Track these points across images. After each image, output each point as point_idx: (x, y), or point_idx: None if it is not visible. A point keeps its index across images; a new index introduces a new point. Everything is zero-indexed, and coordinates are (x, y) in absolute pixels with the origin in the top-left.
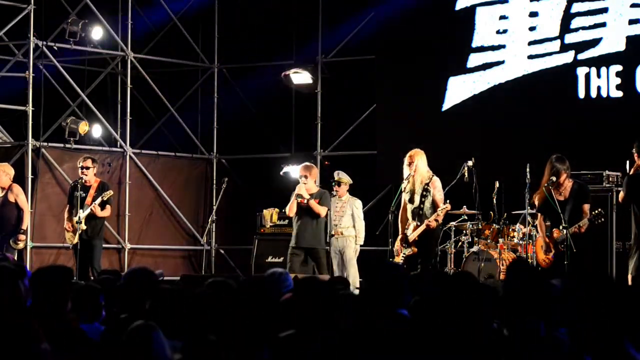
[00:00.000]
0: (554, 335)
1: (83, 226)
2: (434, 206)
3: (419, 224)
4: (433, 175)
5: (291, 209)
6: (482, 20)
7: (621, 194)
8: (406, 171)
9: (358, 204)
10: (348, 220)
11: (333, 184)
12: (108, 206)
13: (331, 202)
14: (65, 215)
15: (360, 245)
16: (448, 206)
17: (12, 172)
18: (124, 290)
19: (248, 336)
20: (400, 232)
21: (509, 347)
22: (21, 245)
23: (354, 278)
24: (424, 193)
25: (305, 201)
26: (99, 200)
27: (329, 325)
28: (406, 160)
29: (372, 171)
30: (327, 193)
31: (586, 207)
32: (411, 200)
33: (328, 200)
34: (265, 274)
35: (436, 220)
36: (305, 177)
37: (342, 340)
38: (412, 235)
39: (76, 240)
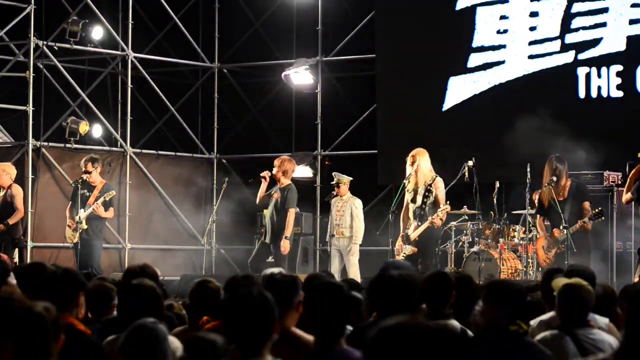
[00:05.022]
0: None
1: (84, 225)
2: (436, 206)
3: (419, 223)
4: (436, 176)
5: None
6: (483, 20)
7: (628, 195)
8: (409, 170)
9: (358, 203)
10: (349, 220)
11: (334, 186)
12: (111, 208)
13: (332, 202)
14: (67, 214)
15: (359, 245)
16: (448, 207)
17: (13, 172)
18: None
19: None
20: (401, 231)
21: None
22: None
23: (355, 278)
24: (426, 193)
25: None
26: (100, 200)
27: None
28: (409, 160)
29: (373, 171)
30: (294, 191)
31: (586, 204)
32: (413, 200)
33: (293, 198)
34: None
35: (440, 220)
36: (277, 168)
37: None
38: (414, 234)
39: (76, 239)
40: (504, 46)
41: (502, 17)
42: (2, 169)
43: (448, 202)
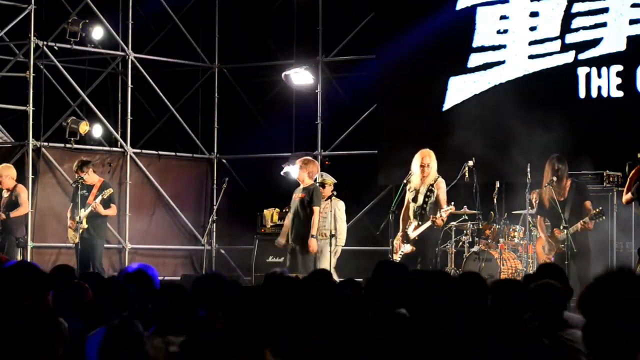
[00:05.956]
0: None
1: (84, 225)
2: (437, 206)
3: (420, 223)
4: (438, 177)
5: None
6: (483, 20)
7: (628, 195)
8: (417, 170)
9: (341, 205)
10: (332, 221)
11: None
12: (113, 205)
13: None
14: (68, 214)
15: (342, 247)
16: (452, 208)
17: (13, 172)
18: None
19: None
20: (400, 230)
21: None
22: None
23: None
24: (428, 193)
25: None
26: (99, 198)
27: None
28: (419, 160)
29: (373, 171)
30: (319, 190)
31: (588, 203)
32: (415, 200)
33: (318, 197)
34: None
35: (442, 220)
36: (301, 169)
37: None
38: (414, 233)
39: (77, 239)
40: (504, 46)
41: (502, 17)
42: (4, 174)
43: (453, 203)
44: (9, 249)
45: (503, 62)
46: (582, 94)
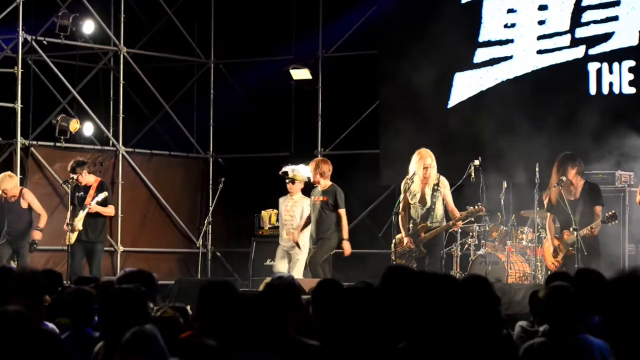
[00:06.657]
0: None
1: (79, 227)
2: (444, 205)
3: (429, 223)
4: (440, 175)
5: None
6: (490, 13)
7: None
8: (419, 171)
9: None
10: (299, 221)
11: (287, 181)
12: (110, 205)
13: (281, 201)
14: (68, 216)
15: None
16: (482, 208)
17: (17, 181)
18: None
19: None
20: (404, 232)
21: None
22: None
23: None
24: (434, 193)
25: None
26: (95, 201)
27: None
28: (421, 162)
29: (375, 171)
30: (341, 191)
31: (598, 209)
32: (421, 201)
33: (342, 198)
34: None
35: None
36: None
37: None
38: (428, 235)
39: (72, 240)
40: (511, 41)
41: (510, 11)
42: (10, 186)
43: (480, 204)
44: (24, 254)
45: (510, 57)
46: (592, 90)
